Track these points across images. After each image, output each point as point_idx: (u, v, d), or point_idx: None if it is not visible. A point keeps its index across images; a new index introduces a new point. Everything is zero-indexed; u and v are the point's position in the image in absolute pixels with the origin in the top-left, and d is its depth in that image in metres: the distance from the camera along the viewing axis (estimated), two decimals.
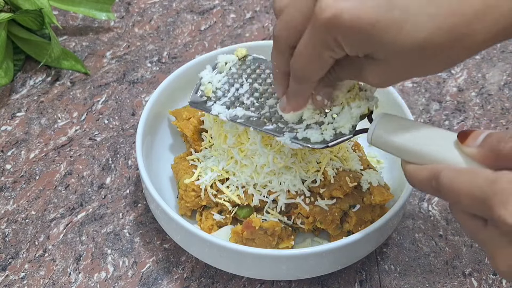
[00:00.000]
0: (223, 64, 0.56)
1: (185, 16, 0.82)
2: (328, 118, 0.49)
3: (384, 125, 0.45)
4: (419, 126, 0.44)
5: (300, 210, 0.54)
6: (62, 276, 0.56)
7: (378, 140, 0.45)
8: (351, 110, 0.48)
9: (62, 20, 0.81)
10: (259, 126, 0.51)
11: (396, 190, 0.56)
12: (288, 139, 0.49)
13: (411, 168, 0.42)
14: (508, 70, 0.75)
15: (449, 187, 0.38)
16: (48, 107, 0.71)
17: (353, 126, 0.48)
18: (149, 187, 0.53)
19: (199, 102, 0.55)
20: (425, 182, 0.41)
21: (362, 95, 0.49)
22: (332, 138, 0.48)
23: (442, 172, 0.39)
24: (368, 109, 0.48)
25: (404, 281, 0.56)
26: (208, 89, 0.54)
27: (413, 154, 0.43)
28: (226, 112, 0.53)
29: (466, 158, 0.40)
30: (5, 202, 0.62)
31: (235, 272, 0.54)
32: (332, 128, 0.48)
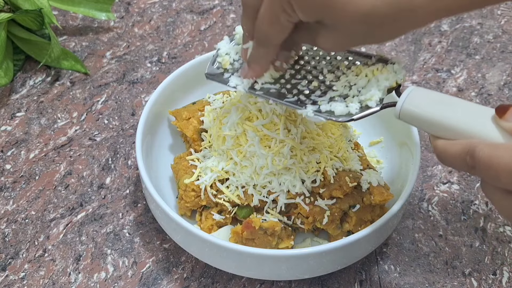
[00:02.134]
0: (241, 36, 0.53)
1: (185, 16, 0.82)
2: (354, 91, 0.47)
3: (415, 98, 0.43)
4: (452, 99, 0.42)
5: (300, 210, 0.54)
6: (62, 276, 0.56)
7: (407, 114, 0.43)
8: (378, 82, 0.46)
9: (62, 20, 0.81)
10: (279, 98, 0.49)
11: (396, 190, 0.56)
12: (310, 111, 0.47)
13: (442, 143, 0.41)
14: (508, 70, 0.75)
15: (486, 162, 0.37)
16: (48, 107, 0.71)
17: (381, 99, 0.46)
18: (149, 187, 0.53)
19: (216, 74, 0.53)
20: (458, 157, 0.39)
21: (389, 68, 0.47)
22: (357, 111, 0.46)
23: (477, 147, 0.37)
24: (396, 82, 0.46)
25: (404, 281, 0.56)
26: (226, 61, 0.53)
27: (445, 128, 0.41)
28: (244, 84, 0.51)
29: (504, 133, 0.38)
30: (5, 202, 0.62)
31: (235, 272, 0.54)
32: (358, 101, 0.46)
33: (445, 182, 0.64)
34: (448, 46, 0.78)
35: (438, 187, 0.63)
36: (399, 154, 0.61)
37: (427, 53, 0.77)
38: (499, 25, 0.81)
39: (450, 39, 0.79)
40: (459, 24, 0.81)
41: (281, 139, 0.53)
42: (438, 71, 0.75)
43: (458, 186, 0.63)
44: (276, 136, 0.53)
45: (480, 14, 0.82)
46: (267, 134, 0.53)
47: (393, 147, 0.62)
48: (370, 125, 0.65)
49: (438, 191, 0.63)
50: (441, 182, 0.64)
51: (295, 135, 0.53)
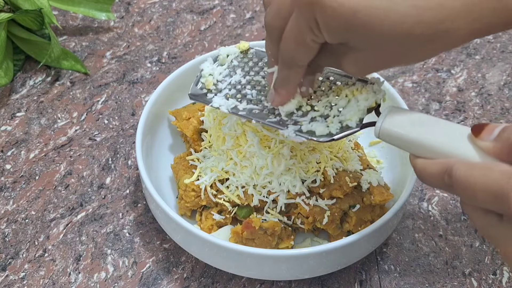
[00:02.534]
0: (225, 57, 0.54)
1: (185, 16, 0.82)
2: (334, 111, 0.48)
3: (393, 118, 0.43)
4: (429, 119, 0.43)
5: (300, 210, 0.54)
6: (62, 276, 0.56)
7: (386, 133, 0.44)
8: (358, 102, 0.47)
9: (62, 20, 0.81)
10: (261, 119, 0.50)
11: (396, 190, 0.56)
12: (292, 131, 0.48)
13: (421, 162, 0.41)
14: (508, 70, 0.75)
15: (463, 182, 0.37)
16: (48, 107, 0.71)
17: (360, 119, 0.47)
18: (149, 187, 0.53)
19: (199, 94, 0.53)
20: (436, 177, 0.40)
21: (369, 88, 0.48)
22: (338, 131, 0.47)
23: (454, 166, 0.38)
24: (376, 102, 0.47)
25: (404, 281, 0.56)
26: (209, 82, 0.53)
27: (423, 148, 0.41)
28: (227, 104, 0.51)
29: (480, 152, 0.39)
30: (5, 202, 0.62)
31: (235, 272, 0.54)
32: (338, 121, 0.47)
33: None
34: None
35: None
36: (399, 154, 0.61)
37: None
38: None
39: None
40: None
41: (280, 140, 0.53)
42: (438, 71, 0.75)
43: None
44: (275, 136, 0.53)
45: None
46: (266, 135, 0.53)
47: (393, 147, 0.62)
48: None
49: (438, 191, 0.63)
50: None
51: None
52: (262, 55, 0.54)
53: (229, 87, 0.53)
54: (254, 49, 0.55)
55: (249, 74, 0.53)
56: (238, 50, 0.55)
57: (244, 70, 0.53)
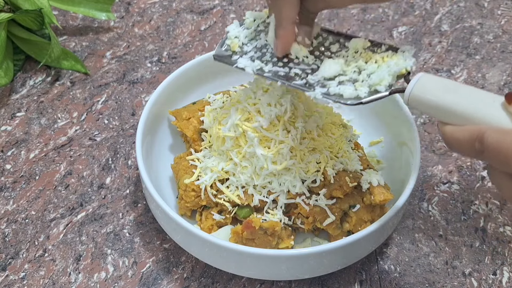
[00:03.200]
0: (251, 20, 0.53)
1: (185, 16, 0.82)
2: (363, 76, 0.47)
3: (423, 84, 0.43)
4: (461, 86, 0.42)
5: (300, 210, 0.54)
6: (62, 276, 0.56)
7: (416, 99, 0.43)
8: (389, 67, 0.47)
9: (62, 20, 0.81)
10: (287, 81, 0.49)
11: (396, 190, 0.56)
12: (319, 93, 0.47)
13: (450, 129, 0.41)
14: (508, 70, 0.75)
15: (495, 148, 0.37)
16: (48, 107, 0.71)
17: (390, 84, 0.46)
18: (149, 187, 0.53)
19: (224, 55, 0.53)
20: (466, 143, 0.39)
21: (399, 55, 0.47)
22: (366, 95, 0.46)
23: (486, 132, 0.37)
24: (406, 70, 0.47)
25: (404, 281, 0.56)
26: (234, 44, 0.53)
27: (454, 114, 0.41)
28: (252, 65, 0.51)
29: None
30: (5, 202, 0.62)
31: (235, 272, 0.54)
32: (367, 85, 0.47)
33: (445, 182, 0.64)
34: (448, 46, 0.78)
35: (438, 187, 0.63)
36: (399, 154, 0.61)
37: (427, 53, 0.77)
38: (499, 25, 0.81)
39: (450, 39, 0.79)
40: (459, 24, 0.81)
41: (280, 140, 0.53)
42: (438, 71, 0.75)
43: (458, 186, 0.63)
44: (275, 137, 0.53)
45: (480, 14, 0.82)
46: (266, 136, 0.53)
47: (393, 147, 0.62)
48: (370, 125, 0.65)
49: (438, 191, 0.63)
50: (441, 182, 0.64)
51: (294, 136, 0.53)
52: None
53: (254, 50, 0.52)
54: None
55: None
56: (265, 15, 0.54)
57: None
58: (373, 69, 0.47)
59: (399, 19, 0.82)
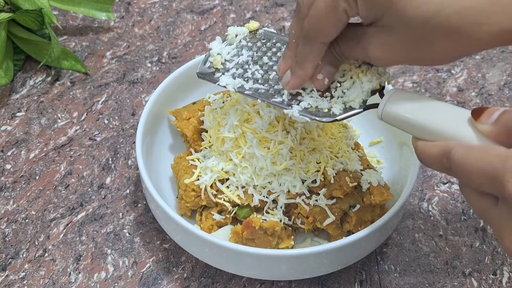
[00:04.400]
0: (233, 36, 0.54)
1: (185, 16, 0.82)
2: (338, 92, 0.48)
3: (396, 100, 0.44)
4: (431, 102, 0.43)
5: (300, 210, 0.54)
6: (62, 276, 0.56)
7: (388, 115, 0.44)
8: (362, 84, 0.47)
9: (62, 20, 0.81)
10: (267, 98, 0.50)
11: (396, 190, 0.56)
12: (296, 111, 0.48)
13: (422, 144, 0.41)
14: (508, 70, 0.75)
15: (461, 164, 0.37)
16: (48, 107, 0.71)
17: (364, 101, 0.47)
18: (149, 187, 0.53)
19: (207, 73, 0.53)
20: (436, 159, 0.40)
21: (374, 70, 0.48)
22: (341, 111, 0.47)
23: (453, 149, 0.38)
24: (380, 85, 0.47)
25: (404, 281, 0.56)
26: (217, 61, 0.53)
27: (425, 130, 0.42)
28: (233, 83, 0.51)
29: (479, 135, 0.39)
30: (5, 202, 0.62)
31: (235, 272, 0.54)
32: (342, 102, 0.47)
33: (445, 182, 0.64)
34: None
35: (438, 187, 0.63)
36: (399, 154, 0.61)
37: None
38: None
39: None
40: None
41: (280, 141, 0.53)
42: (438, 71, 0.75)
43: (458, 186, 0.63)
44: (274, 138, 0.53)
45: None
46: (265, 136, 0.53)
47: (393, 147, 0.62)
48: (370, 125, 0.65)
49: (438, 191, 0.63)
50: (441, 182, 0.64)
51: (294, 137, 0.53)
52: (271, 35, 0.54)
53: (236, 67, 0.53)
54: (263, 29, 0.54)
55: (257, 54, 0.53)
56: (247, 30, 0.54)
57: (252, 50, 0.53)
58: (348, 85, 0.48)
59: None
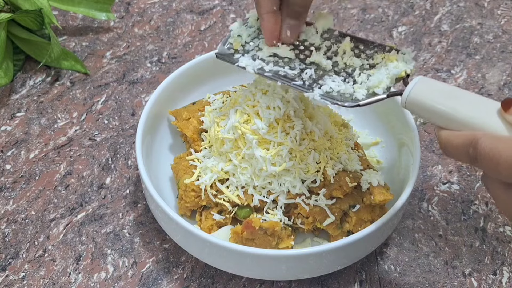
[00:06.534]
0: (254, 19, 0.54)
1: (185, 16, 0.82)
2: (362, 77, 0.48)
3: (421, 88, 0.43)
4: (458, 91, 0.42)
5: (300, 210, 0.54)
6: (62, 276, 0.56)
7: (413, 103, 0.43)
8: (388, 70, 0.47)
9: (62, 20, 0.81)
10: (287, 81, 0.49)
11: (396, 190, 0.56)
12: (317, 94, 0.47)
13: (446, 134, 0.41)
14: (508, 70, 0.75)
15: (488, 154, 0.37)
16: (48, 107, 0.71)
17: (388, 87, 0.47)
18: (149, 187, 0.53)
19: (226, 53, 0.53)
20: (461, 149, 0.39)
21: (399, 57, 0.48)
22: (364, 97, 0.47)
23: (480, 139, 0.37)
24: (405, 72, 0.47)
25: (404, 281, 0.56)
26: (237, 42, 0.53)
27: (450, 119, 0.41)
28: (253, 64, 0.51)
29: (508, 126, 0.39)
30: (5, 202, 0.62)
31: (235, 272, 0.54)
32: (366, 88, 0.47)
33: (445, 182, 0.64)
34: (448, 46, 0.78)
35: (438, 187, 0.63)
36: (399, 154, 0.61)
37: (427, 53, 0.77)
38: (499, 25, 0.81)
39: (450, 39, 0.79)
40: (459, 24, 0.81)
41: (279, 142, 0.53)
42: (438, 71, 0.75)
43: (458, 186, 0.63)
44: (274, 139, 0.53)
45: (480, 14, 0.82)
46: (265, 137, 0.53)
47: (393, 147, 0.62)
48: (370, 125, 0.65)
49: (438, 191, 0.63)
50: (441, 182, 0.64)
51: (293, 137, 0.53)
52: None
53: (256, 49, 0.52)
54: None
55: None
56: None
57: None
58: (373, 70, 0.48)
59: (399, 19, 0.82)
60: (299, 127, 0.53)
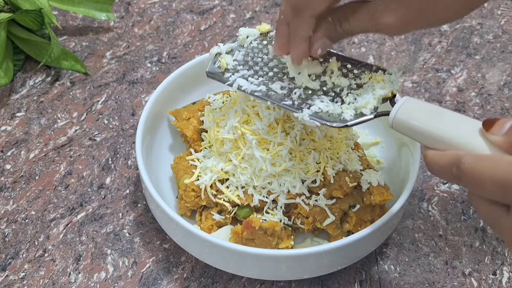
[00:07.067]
0: (244, 37, 0.54)
1: (185, 16, 0.82)
2: (350, 98, 0.48)
3: (407, 109, 0.44)
4: (442, 111, 0.43)
5: (300, 210, 0.54)
6: (62, 276, 0.56)
7: (400, 123, 0.44)
8: (374, 91, 0.48)
9: (62, 20, 0.81)
10: (277, 101, 0.50)
11: (396, 190, 0.56)
12: (306, 115, 0.48)
13: (432, 154, 0.42)
14: (508, 70, 0.75)
15: (471, 173, 0.38)
16: (48, 107, 0.71)
17: (375, 108, 0.47)
18: (149, 187, 0.53)
19: (217, 72, 0.54)
20: (446, 168, 0.40)
21: (386, 78, 0.48)
22: (352, 117, 0.47)
23: (463, 158, 0.38)
24: (392, 92, 0.48)
25: (404, 281, 0.56)
26: (223, 62, 0.53)
27: (435, 139, 0.42)
28: (243, 84, 0.51)
29: (490, 145, 0.39)
30: (5, 202, 0.62)
31: (235, 272, 0.54)
32: (353, 108, 0.48)
33: (445, 182, 0.64)
34: (448, 46, 0.78)
35: (438, 187, 0.63)
36: (399, 154, 0.61)
37: (427, 53, 0.77)
38: (499, 25, 0.81)
39: (450, 39, 0.79)
40: (459, 24, 0.81)
41: (279, 142, 0.53)
42: (438, 71, 0.75)
43: (458, 186, 0.63)
44: (273, 139, 0.53)
45: (480, 14, 0.82)
46: (265, 138, 0.53)
47: (393, 147, 0.62)
48: (370, 125, 0.65)
49: (438, 191, 0.63)
50: (441, 182, 0.64)
51: (293, 138, 0.53)
52: None
53: (246, 68, 0.53)
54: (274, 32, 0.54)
55: (268, 57, 0.53)
56: (258, 32, 0.55)
57: (263, 52, 0.53)
58: (360, 90, 0.48)
59: None
60: (299, 127, 0.53)
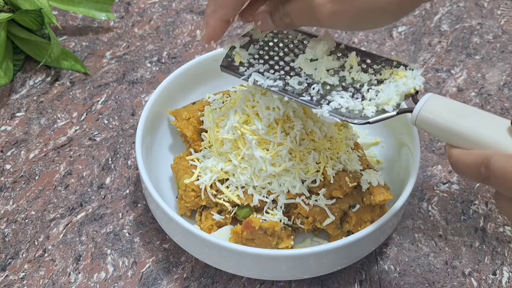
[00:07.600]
0: (259, 32, 0.53)
1: (185, 16, 0.82)
2: (371, 94, 0.47)
3: (431, 106, 0.43)
4: (468, 109, 0.42)
5: (300, 210, 0.54)
6: (62, 276, 0.56)
7: (423, 121, 0.43)
8: (397, 87, 0.46)
9: (62, 20, 0.81)
10: (294, 96, 0.49)
11: (396, 190, 0.56)
12: (326, 111, 0.47)
13: (457, 152, 0.40)
14: (507, 70, 0.75)
15: (502, 173, 0.36)
16: (47, 107, 0.71)
17: (397, 104, 0.46)
18: (149, 187, 0.53)
19: (231, 66, 0.52)
20: (473, 167, 0.39)
21: (409, 74, 0.47)
22: (373, 114, 0.46)
23: (493, 157, 0.37)
24: (414, 89, 0.46)
25: (404, 281, 0.56)
26: (238, 56, 0.52)
27: (461, 138, 0.41)
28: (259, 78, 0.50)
29: None
30: (5, 202, 0.62)
31: (235, 272, 0.54)
32: (375, 104, 0.46)
33: (445, 182, 0.64)
34: (448, 46, 0.78)
35: (438, 187, 0.63)
36: (399, 154, 0.61)
37: (427, 53, 0.77)
38: (499, 25, 0.81)
39: (450, 39, 0.79)
40: (459, 24, 0.81)
41: (279, 142, 0.53)
42: (438, 71, 0.75)
43: (458, 186, 0.63)
44: (273, 139, 0.53)
45: (480, 14, 0.82)
46: (264, 138, 0.53)
47: (393, 147, 0.62)
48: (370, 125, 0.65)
49: (438, 191, 0.63)
50: (441, 182, 0.64)
51: (293, 138, 0.53)
52: (297, 32, 0.53)
53: (262, 62, 0.52)
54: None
55: (284, 51, 0.52)
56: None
57: (279, 46, 0.52)
58: (382, 86, 0.47)
59: None
60: (298, 127, 0.53)
